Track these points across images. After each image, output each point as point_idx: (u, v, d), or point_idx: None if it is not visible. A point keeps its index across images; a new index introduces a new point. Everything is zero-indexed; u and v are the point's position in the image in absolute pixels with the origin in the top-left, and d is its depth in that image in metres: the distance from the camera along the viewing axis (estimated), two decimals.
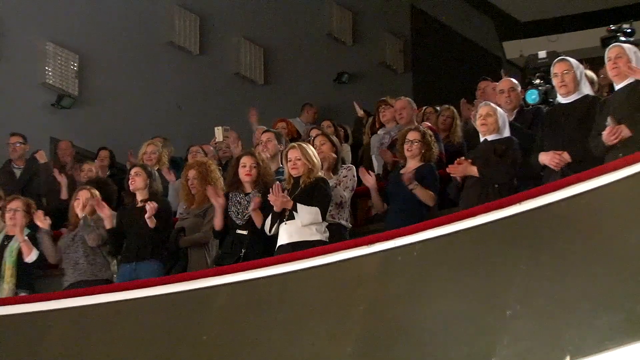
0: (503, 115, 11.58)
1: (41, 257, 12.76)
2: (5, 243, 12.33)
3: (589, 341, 8.33)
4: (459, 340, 9.07)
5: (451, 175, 11.61)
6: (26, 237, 12.32)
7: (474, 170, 11.15)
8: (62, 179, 15.03)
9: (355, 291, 10.03)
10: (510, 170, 11.20)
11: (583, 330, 8.45)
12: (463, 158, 11.50)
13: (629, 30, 12.91)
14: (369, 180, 12.07)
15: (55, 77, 16.82)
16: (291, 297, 10.41)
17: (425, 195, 11.64)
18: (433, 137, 12.53)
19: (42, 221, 12.47)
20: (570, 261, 9.02)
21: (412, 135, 12.31)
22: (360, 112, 16.25)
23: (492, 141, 11.36)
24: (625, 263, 8.61)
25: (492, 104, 11.97)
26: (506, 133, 11.47)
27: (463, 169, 11.20)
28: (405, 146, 12.21)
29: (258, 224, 11.74)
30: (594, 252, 8.93)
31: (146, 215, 11.99)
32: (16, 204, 12.73)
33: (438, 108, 14.91)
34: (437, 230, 9.81)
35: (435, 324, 9.36)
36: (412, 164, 11.96)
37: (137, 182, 12.58)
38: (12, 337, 11.18)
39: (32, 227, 12.75)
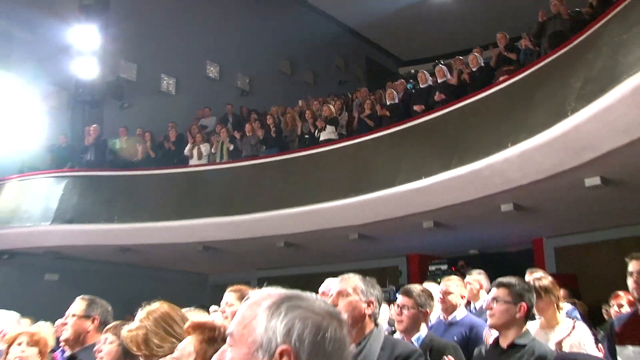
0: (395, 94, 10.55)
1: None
2: None
3: (431, 169, 8.32)
4: (389, 173, 8.90)
5: None
6: None
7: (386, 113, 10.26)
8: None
9: (348, 157, 9.74)
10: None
11: (430, 166, 8.39)
12: None
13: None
14: None
15: (242, 84, 15.73)
16: (325, 160, 10.01)
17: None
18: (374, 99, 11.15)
19: None
20: (429, 146, 8.89)
21: (365, 101, 10.83)
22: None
23: None
24: (444, 143, 8.56)
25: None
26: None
27: None
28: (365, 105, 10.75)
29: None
30: (434, 142, 8.81)
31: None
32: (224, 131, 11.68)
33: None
34: (378, 133, 9.62)
35: (378, 166, 9.20)
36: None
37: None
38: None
39: None
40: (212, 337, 1.98)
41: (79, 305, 3.34)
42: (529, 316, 3.04)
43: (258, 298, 1.14)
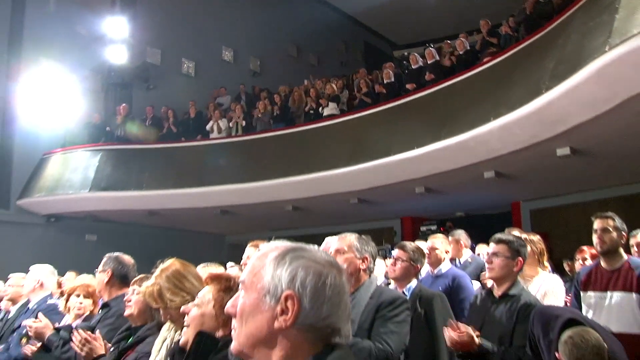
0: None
1: None
2: None
3: (422, 140, 8.28)
4: (385, 144, 8.84)
5: None
6: None
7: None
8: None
9: (348, 130, 9.68)
10: None
11: (421, 138, 8.36)
12: None
13: None
14: None
15: (253, 67, 15.42)
16: (328, 133, 9.92)
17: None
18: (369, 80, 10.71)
19: None
20: (421, 120, 8.88)
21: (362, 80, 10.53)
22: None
23: None
24: (433, 117, 8.56)
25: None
26: None
27: None
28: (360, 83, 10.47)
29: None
30: (425, 117, 8.77)
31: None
32: (238, 108, 11.59)
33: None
34: (375, 109, 9.56)
35: (375, 138, 9.11)
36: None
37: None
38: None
39: None
40: (228, 287, 2.03)
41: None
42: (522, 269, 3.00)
43: (266, 250, 1.14)
